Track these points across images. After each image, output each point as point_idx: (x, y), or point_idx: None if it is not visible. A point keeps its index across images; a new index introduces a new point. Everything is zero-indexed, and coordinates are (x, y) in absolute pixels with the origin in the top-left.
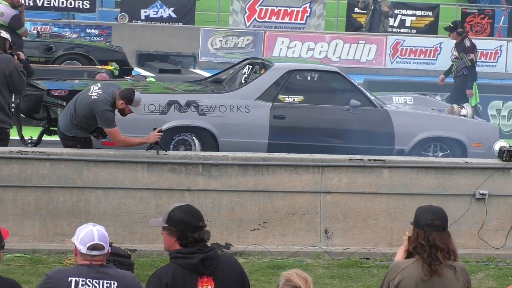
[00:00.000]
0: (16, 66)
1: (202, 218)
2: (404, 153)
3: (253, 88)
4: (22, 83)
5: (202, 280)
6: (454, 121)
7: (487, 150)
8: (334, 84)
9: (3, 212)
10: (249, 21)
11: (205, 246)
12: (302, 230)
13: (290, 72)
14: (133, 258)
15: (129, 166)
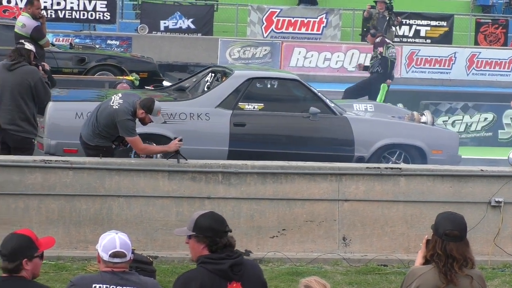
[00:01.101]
0: (41, 77)
1: (227, 223)
2: (364, 160)
3: (213, 96)
4: (46, 94)
5: (231, 285)
6: (414, 128)
7: (447, 156)
8: (294, 91)
9: (28, 220)
10: (267, 32)
11: (233, 252)
12: (321, 237)
13: (250, 80)
14: (155, 265)
15: (150, 175)
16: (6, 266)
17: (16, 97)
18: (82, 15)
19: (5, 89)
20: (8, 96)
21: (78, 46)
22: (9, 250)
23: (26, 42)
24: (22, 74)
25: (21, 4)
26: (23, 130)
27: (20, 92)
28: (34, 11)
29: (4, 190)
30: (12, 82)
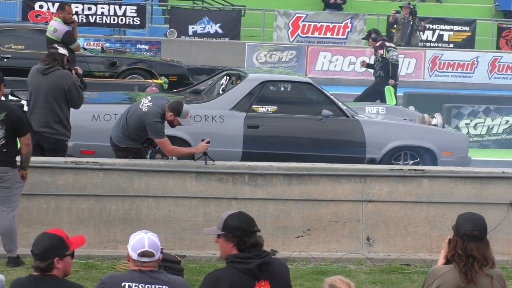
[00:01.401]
0: (74, 81)
1: (255, 223)
2: (375, 161)
3: (228, 99)
4: (80, 97)
5: (259, 284)
6: (425, 130)
7: (457, 158)
8: (307, 94)
9: (58, 220)
10: (293, 36)
11: (261, 251)
12: (345, 237)
13: (263, 83)
14: (183, 264)
15: (179, 176)
16: (38, 265)
17: (50, 101)
18: (112, 20)
19: (39, 92)
20: (42, 100)
21: (110, 50)
22: (41, 250)
23: (60, 47)
24: (56, 78)
25: (53, 9)
26: (56, 132)
27: (54, 95)
28: (65, 16)
29: (36, 190)
30: (47, 86)
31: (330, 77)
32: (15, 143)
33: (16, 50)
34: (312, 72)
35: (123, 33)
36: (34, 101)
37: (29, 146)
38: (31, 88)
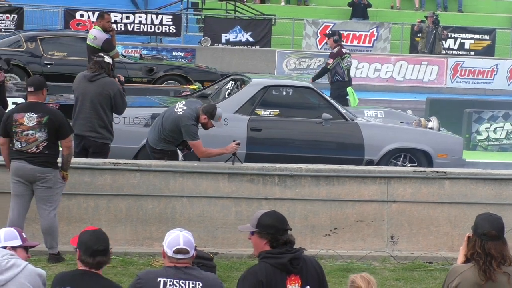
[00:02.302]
0: (120, 89)
1: (287, 222)
2: (373, 163)
3: (232, 102)
4: (124, 104)
5: (290, 278)
6: (421, 133)
7: (452, 160)
8: (308, 98)
9: (97, 218)
10: (321, 44)
11: (292, 248)
12: (370, 236)
13: (266, 87)
14: (215, 261)
15: (212, 177)
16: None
17: (96, 106)
18: (149, 29)
19: (85, 98)
20: (88, 105)
21: (147, 57)
22: (106, 245)
23: (105, 56)
24: (103, 85)
25: (93, 18)
26: (102, 136)
27: (100, 101)
28: (104, 24)
29: (76, 190)
30: (93, 92)
31: (356, 83)
32: (57, 145)
33: (59, 57)
34: None
35: (159, 41)
36: (80, 106)
37: (70, 148)
38: (77, 93)
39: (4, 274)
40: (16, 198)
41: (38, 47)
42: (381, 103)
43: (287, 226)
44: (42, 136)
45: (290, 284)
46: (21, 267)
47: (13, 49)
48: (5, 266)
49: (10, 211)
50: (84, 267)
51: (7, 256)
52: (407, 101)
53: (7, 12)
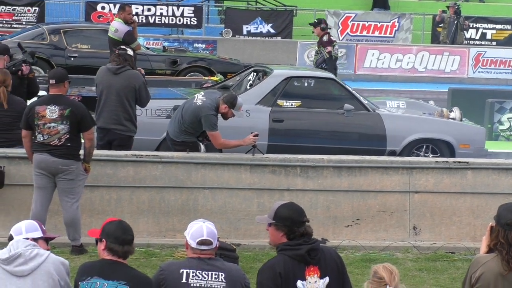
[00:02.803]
0: (144, 81)
1: (305, 214)
2: (395, 153)
3: (254, 94)
4: (147, 97)
5: (309, 269)
6: (443, 123)
7: (474, 150)
8: (330, 89)
9: (120, 210)
10: (342, 35)
11: (311, 239)
12: (392, 226)
13: (288, 78)
14: (238, 252)
15: (234, 168)
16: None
17: (122, 99)
18: (171, 21)
19: (110, 91)
20: (113, 98)
21: (171, 49)
22: (132, 235)
23: (128, 49)
24: (128, 78)
25: (114, 10)
26: (127, 129)
27: (126, 94)
28: (126, 16)
29: (99, 182)
30: (118, 85)
31: (378, 74)
32: (79, 138)
33: (82, 50)
34: (361, 69)
35: (180, 32)
36: (105, 99)
37: (92, 140)
38: (102, 86)
39: (28, 263)
40: (38, 190)
41: (61, 40)
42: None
43: (304, 218)
44: (64, 129)
45: (309, 275)
46: (45, 256)
47: (36, 42)
48: (29, 256)
49: (33, 204)
50: (112, 257)
51: (30, 246)
52: (429, 92)
53: (28, 5)
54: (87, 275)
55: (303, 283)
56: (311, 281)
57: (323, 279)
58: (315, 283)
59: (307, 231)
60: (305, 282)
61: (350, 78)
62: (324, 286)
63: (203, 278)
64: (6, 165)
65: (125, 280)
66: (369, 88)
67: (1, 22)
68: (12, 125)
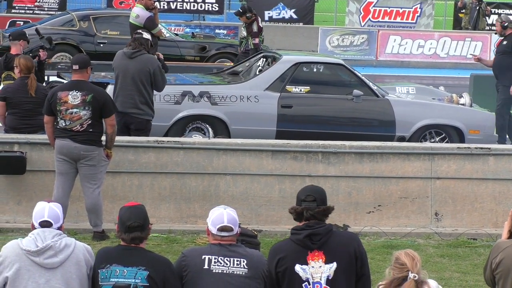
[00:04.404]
0: (159, 65)
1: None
2: (404, 139)
3: (262, 80)
4: (163, 81)
5: (312, 254)
6: (453, 109)
7: (484, 136)
8: (339, 75)
9: (141, 196)
10: (364, 20)
11: (316, 223)
12: (414, 212)
13: (297, 64)
14: (259, 238)
15: (255, 154)
16: (138, 236)
17: (137, 83)
18: (192, 7)
19: (126, 75)
20: (129, 82)
21: (200, 35)
22: (144, 219)
23: (144, 32)
24: (143, 62)
25: None
26: (144, 113)
27: (140, 78)
28: (147, 2)
29: (121, 168)
30: (133, 69)
31: (399, 60)
32: (101, 124)
33: (112, 36)
34: (383, 55)
35: (202, 18)
36: (121, 83)
37: (114, 126)
38: (118, 71)
39: (58, 256)
40: (60, 176)
41: (91, 26)
42: (424, 80)
43: (306, 196)
44: (86, 114)
45: (312, 260)
46: (73, 246)
47: (66, 28)
48: (58, 248)
49: (55, 189)
50: (124, 243)
51: (58, 237)
52: (451, 78)
53: None
54: (106, 262)
55: (304, 268)
56: (314, 266)
57: (329, 264)
58: (319, 268)
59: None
60: (307, 267)
61: (371, 64)
62: (330, 271)
63: (225, 264)
64: (28, 151)
65: (143, 265)
66: (391, 74)
67: (23, 8)
68: (34, 111)
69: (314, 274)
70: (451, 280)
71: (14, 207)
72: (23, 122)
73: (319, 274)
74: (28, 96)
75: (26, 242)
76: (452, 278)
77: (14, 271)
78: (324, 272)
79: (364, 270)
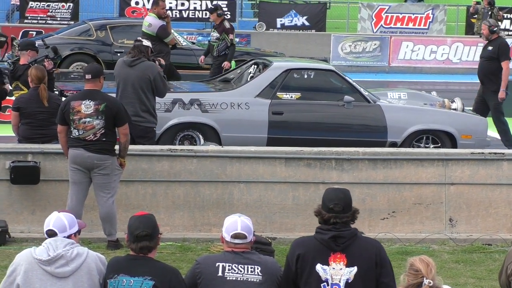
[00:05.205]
0: (160, 72)
1: (341, 202)
2: (396, 145)
3: (253, 86)
4: (164, 87)
5: (335, 255)
6: (444, 114)
7: (476, 141)
8: (330, 81)
9: (155, 205)
10: (376, 27)
11: (342, 226)
12: (428, 218)
13: (287, 71)
14: (273, 246)
15: (269, 162)
16: (146, 245)
17: (138, 91)
18: (204, 15)
19: (127, 83)
20: (130, 90)
21: None
22: (152, 229)
23: (144, 39)
24: (143, 69)
25: (148, 5)
26: (145, 120)
27: (141, 86)
28: (159, 11)
29: (134, 177)
30: (134, 77)
31: (412, 66)
32: (114, 133)
33: (129, 45)
34: (395, 61)
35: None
36: (122, 92)
37: (127, 135)
38: (118, 79)
39: (70, 265)
40: (74, 185)
41: (108, 36)
42: (437, 85)
43: (335, 207)
44: (99, 124)
45: (334, 262)
46: (85, 255)
47: (83, 37)
48: (70, 257)
49: (69, 199)
50: (132, 253)
51: (69, 246)
52: (464, 83)
53: (62, 0)
54: (114, 272)
55: (324, 268)
56: (335, 268)
57: (349, 268)
58: (340, 270)
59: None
60: (328, 267)
61: (384, 71)
62: (350, 275)
63: (239, 272)
64: (41, 160)
65: (150, 275)
66: (403, 80)
67: (36, 18)
68: (47, 121)
69: (334, 275)
70: (466, 286)
71: (28, 216)
72: (37, 132)
73: (339, 277)
74: (41, 106)
75: (39, 251)
76: (467, 284)
77: (25, 279)
78: (344, 275)
79: (384, 278)
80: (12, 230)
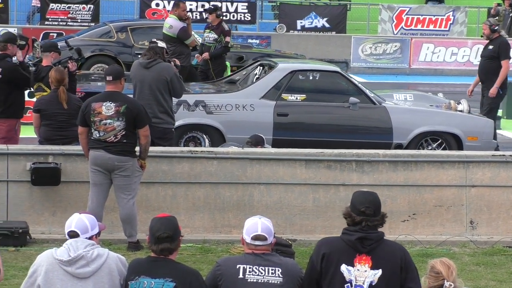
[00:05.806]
0: (176, 72)
1: (372, 205)
2: (402, 147)
3: (258, 88)
4: (181, 87)
5: (360, 257)
6: (451, 116)
7: (482, 143)
8: (335, 83)
9: (175, 206)
10: (397, 29)
11: (370, 228)
12: (449, 221)
13: (293, 72)
14: (294, 247)
15: (289, 164)
16: (168, 247)
17: (155, 92)
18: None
19: (144, 85)
20: (147, 92)
21: (237, 45)
22: (175, 231)
23: (159, 41)
24: (159, 71)
25: (168, 7)
26: (163, 121)
27: (158, 87)
28: (180, 13)
29: (154, 179)
30: (150, 79)
31: (433, 68)
32: (134, 134)
33: None
34: (416, 63)
35: (234, 28)
36: (139, 94)
37: (148, 137)
38: (135, 81)
39: (90, 265)
40: (94, 187)
41: (128, 38)
42: (458, 87)
43: (366, 209)
44: (120, 125)
45: (359, 263)
46: (105, 256)
47: (104, 39)
48: (90, 258)
49: (89, 200)
50: (153, 254)
51: (90, 247)
52: None
53: (83, 2)
54: (135, 274)
55: (349, 269)
56: (360, 269)
57: (374, 270)
58: (364, 272)
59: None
60: (353, 269)
61: (404, 73)
62: (374, 277)
63: (260, 274)
64: (62, 162)
65: (171, 277)
66: (424, 82)
67: (56, 20)
68: (68, 123)
69: (358, 277)
70: None
71: (49, 218)
72: (57, 133)
73: (363, 278)
74: (61, 108)
75: (60, 252)
76: (488, 287)
77: (46, 280)
78: (368, 277)
79: (410, 283)
80: (33, 231)
